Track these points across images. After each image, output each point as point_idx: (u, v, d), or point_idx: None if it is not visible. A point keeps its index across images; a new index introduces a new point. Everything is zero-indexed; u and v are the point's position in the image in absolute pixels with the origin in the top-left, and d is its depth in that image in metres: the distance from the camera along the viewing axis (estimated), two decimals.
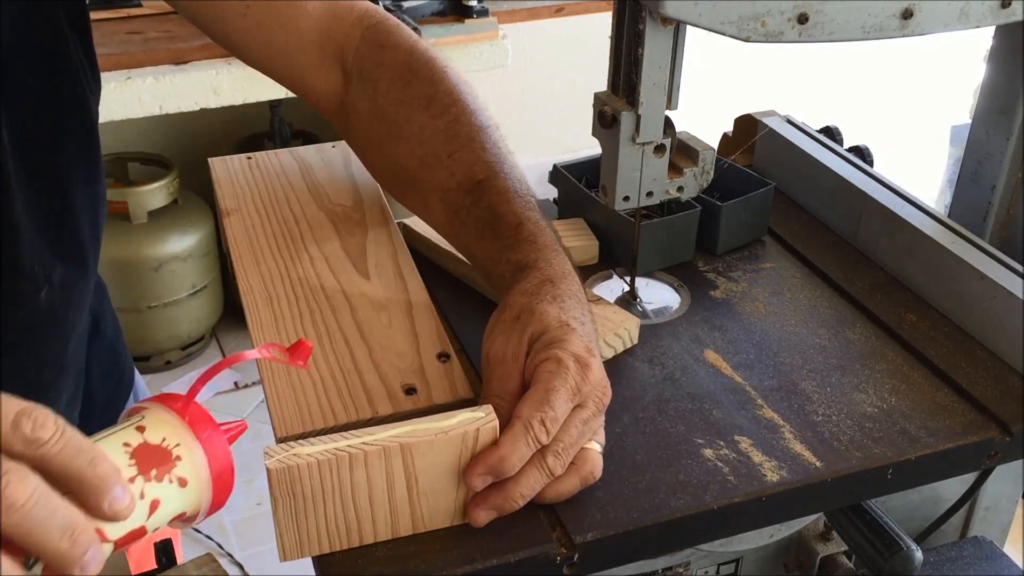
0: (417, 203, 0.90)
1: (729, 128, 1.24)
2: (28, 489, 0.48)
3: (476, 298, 0.94)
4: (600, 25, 2.51)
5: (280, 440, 0.66)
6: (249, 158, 1.05)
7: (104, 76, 2.07)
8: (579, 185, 1.08)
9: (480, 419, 0.67)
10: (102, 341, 0.95)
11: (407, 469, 0.67)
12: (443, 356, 0.81)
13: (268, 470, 0.64)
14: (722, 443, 0.80)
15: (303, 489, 0.65)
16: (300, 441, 0.65)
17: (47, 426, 0.50)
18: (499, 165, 0.85)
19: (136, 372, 1.04)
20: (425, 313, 0.86)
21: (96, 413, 0.93)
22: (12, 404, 0.50)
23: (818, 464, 0.78)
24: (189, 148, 2.68)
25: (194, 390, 0.58)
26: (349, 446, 0.65)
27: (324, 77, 0.90)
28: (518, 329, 0.71)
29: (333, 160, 1.02)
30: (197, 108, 2.08)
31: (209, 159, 1.04)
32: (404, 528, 0.69)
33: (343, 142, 1.03)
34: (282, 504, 0.65)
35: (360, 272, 0.90)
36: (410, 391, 0.72)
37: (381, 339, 0.82)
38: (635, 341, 0.92)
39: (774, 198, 1.08)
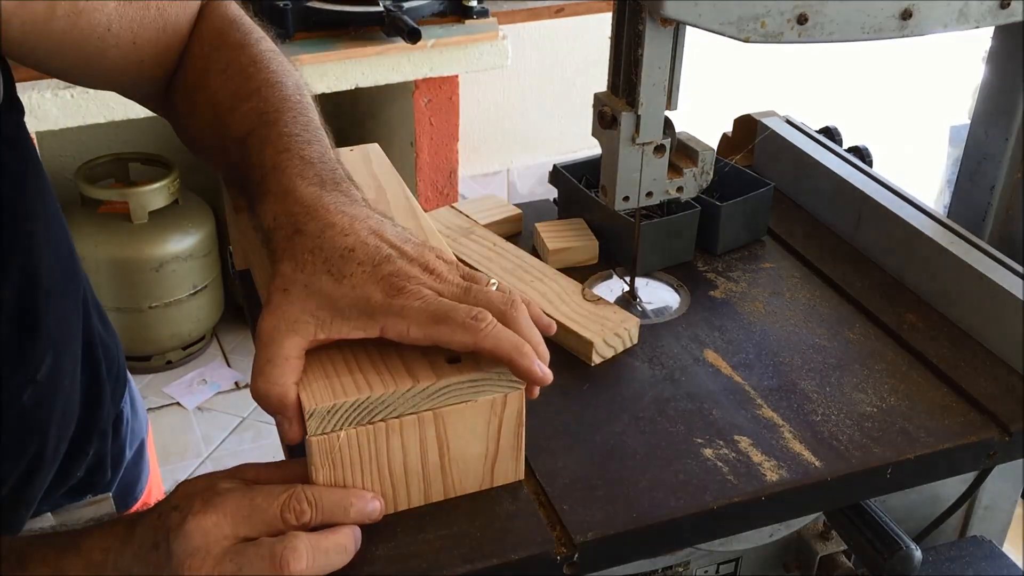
0: (227, 174, 0.82)
1: (729, 128, 1.24)
2: (304, 550, 0.62)
3: None
4: (600, 25, 2.51)
5: (310, 414, 0.66)
6: None
7: None
8: (579, 185, 1.09)
9: (508, 384, 0.70)
10: (90, 349, 0.89)
11: (439, 436, 0.70)
12: None
13: (308, 440, 0.66)
14: (721, 443, 0.80)
15: (342, 458, 0.68)
16: (335, 411, 0.66)
17: (305, 510, 0.65)
18: (271, 115, 0.76)
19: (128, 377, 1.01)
20: None
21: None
22: (271, 502, 0.64)
23: (817, 464, 0.78)
24: None
25: None
26: (385, 414, 0.67)
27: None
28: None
29: (353, 161, 1.00)
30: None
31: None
32: (436, 494, 0.73)
33: (363, 146, 1.02)
34: (322, 473, 0.68)
35: None
36: (453, 360, 0.70)
37: None
38: (635, 341, 0.92)
39: (774, 198, 1.08)
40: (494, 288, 0.70)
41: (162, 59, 0.82)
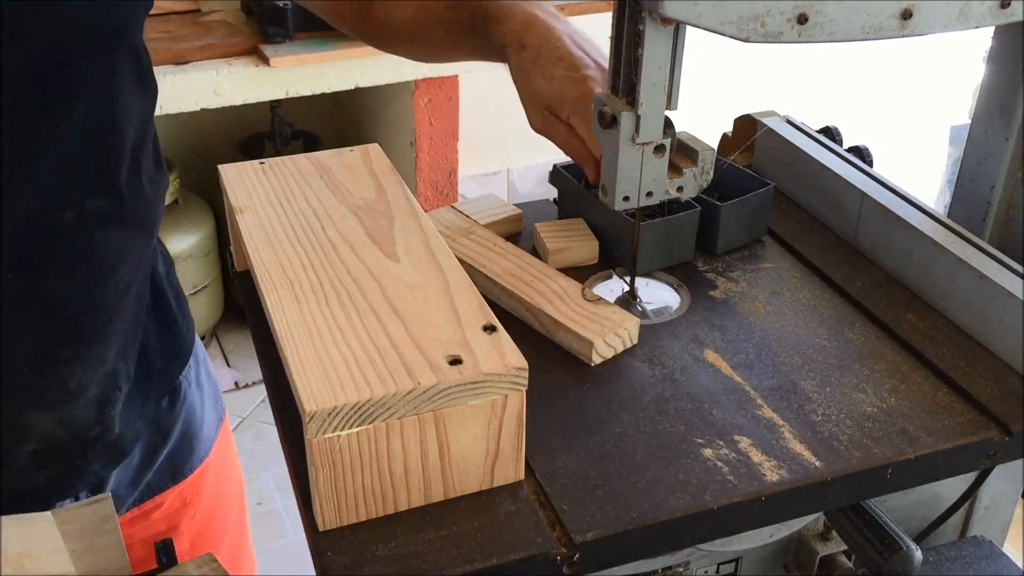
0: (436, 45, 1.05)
1: (729, 128, 1.24)
2: None
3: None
4: (600, 25, 2.51)
5: (310, 416, 0.66)
6: (262, 163, 1.00)
7: None
8: (579, 185, 1.09)
9: (508, 385, 0.70)
10: (164, 309, 0.95)
11: (440, 437, 0.70)
12: (489, 328, 0.75)
13: (309, 441, 0.67)
14: (721, 443, 0.80)
15: (343, 458, 0.68)
16: (336, 413, 0.67)
17: None
18: None
19: (201, 348, 1.04)
20: (465, 291, 0.80)
21: (155, 379, 0.94)
22: None
23: (817, 464, 0.78)
24: (190, 148, 2.68)
25: None
26: (386, 416, 0.68)
27: None
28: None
29: (352, 162, 1.00)
30: (197, 108, 2.08)
31: (220, 166, 1.01)
32: (436, 494, 0.73)
33: (363, 146, 1.02)
34: (322, 474, 0.68)
35: (388, 255, 0.84)
36: (455, 362, 0.70)
37: (417, 314, 0.77)
38: (635, 341, 0.92)
39: (774, 198, 1.08)
40: None
41: None
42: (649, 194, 0.89)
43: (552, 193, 1.16)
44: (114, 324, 0.85)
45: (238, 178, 0.97)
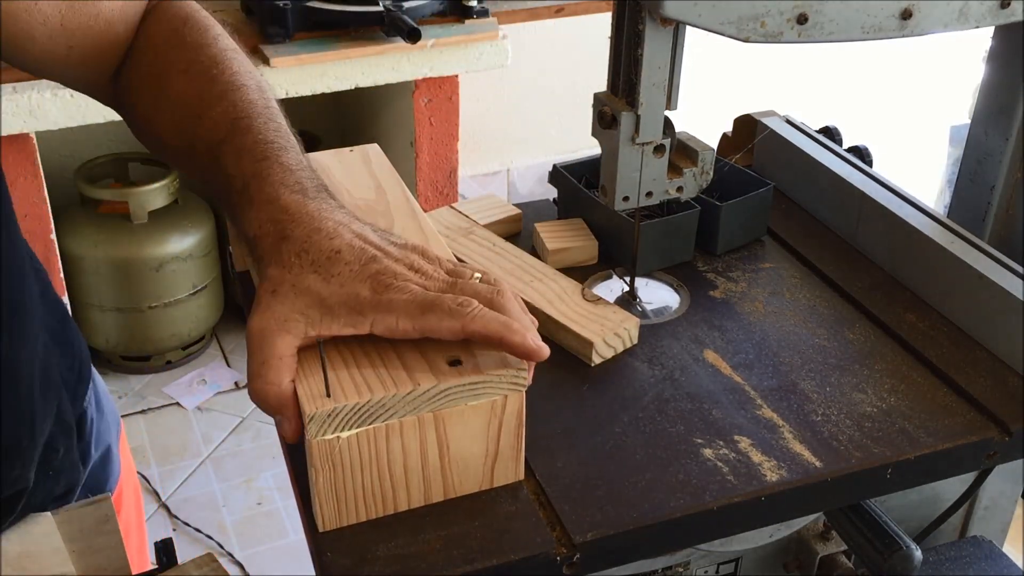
0: (194, 175, 0.82)
1: (729, 128, 1.24)
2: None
3: None
4: (600, 25, 2.51)
5: (310, 418, 0.66)
6: None
7: None
8: (578, 185, 1.09)
9: (508, 386, 0.70)
10: (59, 318, 0.85)
11: (440, 438, 0.70)
12: None
13: (309, 443, 0.66)
14: (721, 443, 0.80)
15: (342, 460, 0.68)
16: (335, 414, 0.66)
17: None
18: (242, 122, 0.76)
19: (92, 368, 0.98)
20: None
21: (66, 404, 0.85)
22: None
23: (818, 464, 0.78)
24: None
25: None
26: (386, 417, 0.67)
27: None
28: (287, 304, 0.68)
29: (352, 162, 1.00)
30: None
31: None
32: (436, 495, 0.73)
33: (362, 146, 1.02)
34: (322, 475, 0.68)
35: None
36: (454, 363, 0.71)
37: None
38: (635, 341, 0.92)
39: (773, 198, 1.08)
40: (478, 280, 0.71)
41: (98, 50, 0.82)
42: (649, 194, 0.89)
43: (552, 193, 1.16)
44: (47, 396, 0.78)
45: None
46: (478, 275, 0.72)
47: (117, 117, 0.91)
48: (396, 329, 0.68)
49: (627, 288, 0.99)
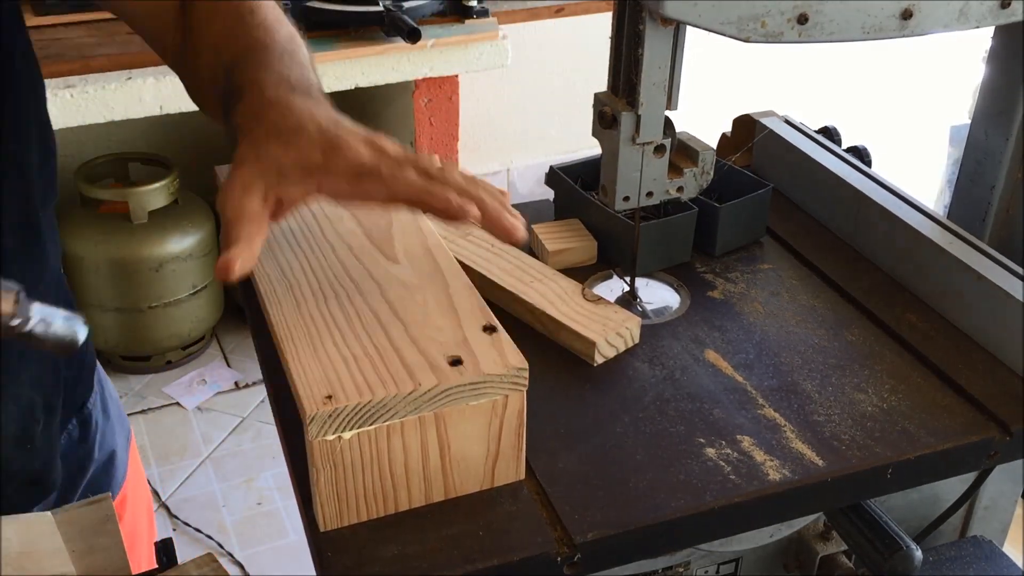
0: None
1: (728, 128, 1.24)
2: None
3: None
4: (600, 25, 2.51)
5: (311, 419, 0.66)
6: None
7: (104, 76, 2.05)
8: (575, 187, 1.08)
9: (509, 386, 0.70)
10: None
11: (440, 438, 0.70)
12: (489, 329, 0.75)
13: (309, 443, 0.67)
14: (723, 442, 0.80)
15: (343, 460, 0.68)
16: (336, 415, 0.67)
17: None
18: (258, 50, 0.81)
19: (100, 369, 0.99)
20: (465, 291, 0.80)
21: (67, 399, 0.89)
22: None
23: (820, 463, 0.78)
24: (190, 148, 2.67)
25: None
26: (387, 417, 0.68)
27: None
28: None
29: None
30: (198, 108, 2.07)
31: (216, 167, 1.01)
32: (437, 494, 0.73)
33: None
34: (323, 475, 0.68)
35: (388, 256, 0.84)
36: (455, 362, 0.71)
37: (417, 316, 0.76)
38: (636, 340, 0.92)
39: (773, 199, 1.08)
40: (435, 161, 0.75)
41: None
42: (649, 194, 0.89)
43: (550, 194, 1.16)
44: (26, 354, 0.80)
45: None
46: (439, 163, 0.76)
47: (117, 117, 0.92)
48: (338, 192, 0.72)
49: (627, 288, 0.99)
